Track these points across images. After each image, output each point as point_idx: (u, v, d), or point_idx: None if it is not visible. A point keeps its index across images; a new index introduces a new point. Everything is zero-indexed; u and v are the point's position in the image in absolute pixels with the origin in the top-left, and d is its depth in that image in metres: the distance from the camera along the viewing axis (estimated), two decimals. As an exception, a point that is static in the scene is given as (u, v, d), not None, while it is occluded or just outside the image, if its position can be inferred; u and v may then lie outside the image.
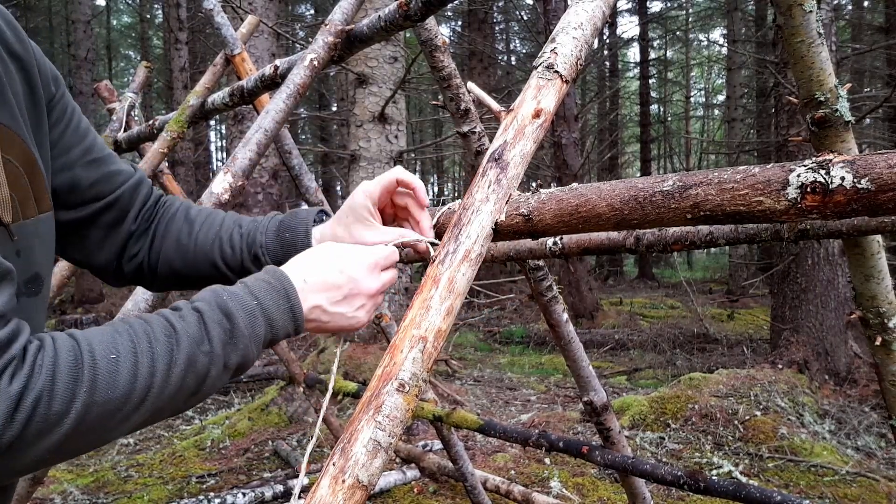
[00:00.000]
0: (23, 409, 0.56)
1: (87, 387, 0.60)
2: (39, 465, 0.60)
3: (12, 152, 0.71)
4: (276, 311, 0.75)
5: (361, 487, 0.65)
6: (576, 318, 10.18)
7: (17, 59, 0.75)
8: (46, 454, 0.59)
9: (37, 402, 0.57)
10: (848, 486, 3.69)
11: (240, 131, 6.52)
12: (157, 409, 0.66)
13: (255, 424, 5.06)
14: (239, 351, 0.71)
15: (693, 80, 24.19)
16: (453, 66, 1.68)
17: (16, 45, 0.75)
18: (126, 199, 0.94)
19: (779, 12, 1.17)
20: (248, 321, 0.72)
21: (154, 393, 0.64)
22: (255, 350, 0.74)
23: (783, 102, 6.25)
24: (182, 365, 0.66)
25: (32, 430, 0.57)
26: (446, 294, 0.77)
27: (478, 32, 13.08)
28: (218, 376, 0.70)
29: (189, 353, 0.67)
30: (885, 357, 1.30)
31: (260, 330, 0.73)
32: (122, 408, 0.62)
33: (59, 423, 0.58)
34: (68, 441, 0.60)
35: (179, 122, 2.28)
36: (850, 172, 0.60)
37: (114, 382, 0.61)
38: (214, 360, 0.69)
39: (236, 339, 0.71)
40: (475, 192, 0.84)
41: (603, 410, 2.02)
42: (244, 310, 0.72)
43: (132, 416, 0.64)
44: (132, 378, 0.63)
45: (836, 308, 5.98)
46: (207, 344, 0.69)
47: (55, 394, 0.58)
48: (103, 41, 19.87)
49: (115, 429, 0.64)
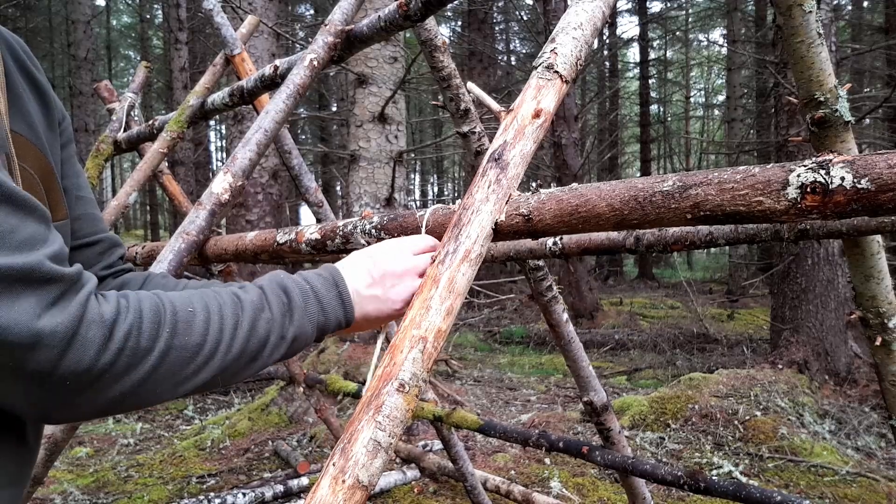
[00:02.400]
0: (116, 338, 0.61)
1: (169, 329, 0.65)
2: (115, 407, 0.63)
3: (28, 160, 0.76)
4: (327, 295, 0.82)
5: (361, 487, 0.65)
6: (576, 318, 10.18)
7: (34, 83, 0.83)
8: (127, 393, 0.62)
9: (128, 335, 0.62)
10: (848, 486, 3.69)
11: (239, 131, 6.52)
12: (223, 368, 0.69)
13: (256, 424, 5.06)
14: (295, 323, 0.77)
15: (693, 80, 24.20)
16: (453, 67, 1.68)
17: (34, 71, 0.83)
18: (104, 245, 0.97)
19: (779, 12, 1.17)
20: (302, 299, 0.79)
21: (222, 349, 0.69)
22: (310, 329, 0.79)
23: (783, 102, 6.25)
24: (246, 327, 0.72)
25: (122, 363, 0.61)
26: (446, 294, 0.78)
27: (478, 32, 13.07)
28: (276, 345, 0.75)
29: (252, 317, 0.73)
30: (885, 357, 1.30)
31: (313, 309, 0.80)
32: (195, 357, 0.67)
33: (144, 358, 0.62)
34: (147, 383, 0.63)
35: (179, 122, 2.28)
36: (850, 172, 0.60)
37: (190, 330, 0.67)
38: (274, 328, 0.75)
39: (293, 312, 0.77)
40: (475, 192, 0.84)
41: (603, 410, 2.02)
42: (299, 289, 0.80)
43: (202, 370, 0.68)
44: (205, 329, 0.68)
45: (836, 308, 5.98)
46: (268, 311, 0.75)
47: (143, 330, 0.63)
48: (103, 41, 19.86)
49: (187, 380, 0.67)
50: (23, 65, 0.82)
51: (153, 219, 19.35)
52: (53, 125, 0.85)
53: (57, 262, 0.60)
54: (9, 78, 0.77)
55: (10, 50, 0.81)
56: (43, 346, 0.56)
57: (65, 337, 0.57)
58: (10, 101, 0.75)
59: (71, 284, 0.60)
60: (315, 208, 2.45)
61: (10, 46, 0.81)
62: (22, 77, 0.80)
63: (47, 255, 0.59)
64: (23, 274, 0.57)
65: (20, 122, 0.76)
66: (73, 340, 0.58)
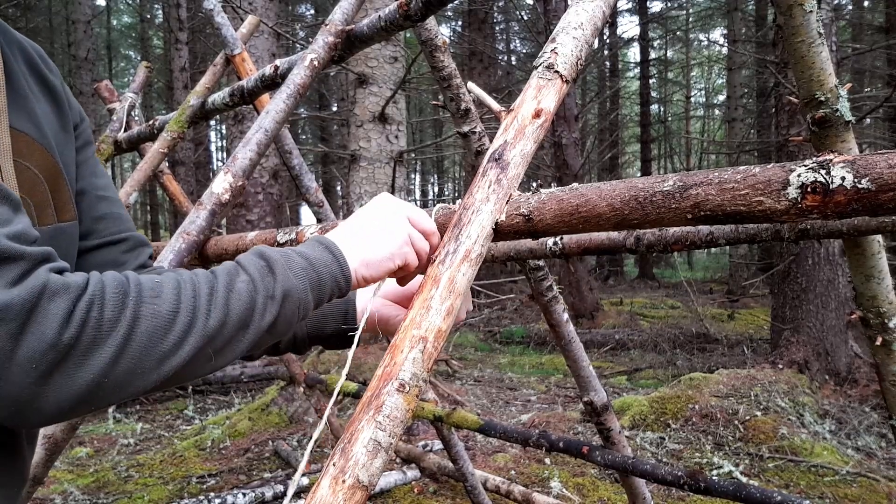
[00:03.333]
0: (78, 310, 0.57)
1: (134, 297, 0.61)
2: (93, 396, 0.59)
3: (32, 160, 0.76)
4: (312, 252, 0.77)
5: (362, 488, 0.65)
6: (576, 318, 10.18)
7: (46, 85, 0.84)
8: (101, 374, 0.58)
9: (90, 305, 0.58)
10: (848, 486, 3.69)
11: (240, 131, 6.52)
12: (208, 337, 0.65)
13: (256, 424, 5.06)
14: (279, 280, 0.71)
15: (693, 80, 24.19)
16: (453, 66, 1.68)
17: (47, 74, 0.85)
18: (130, 244, 0.95)
19: (779, 12, 1.17)
20: (283, 258, 0.74)
21: (201, 315, 0.64)
22: (301, 285, 0.73)
23: (783, 102, 6.25)
24: (222, 291, 0.67)
25: (88, 335, 0.57)
26: (447, 294, 0.77)
27: (478, 32, 13.07)
28: (264, 306, 0.69)
29: (227, 280, 0.69)
30: (885, 357, 1.30)
31: (297, 264, 0.74)
32: (171, 326, 0.62)
33: (112, 330, 0.58)
34: (121, 360, 0.59)
35: (179, 122, 2.28)
36: (850, 172, 0.60)
37: (159, 297, 0.63)
38: (257, 288, 0.69)
39: (274, 270, 0.72)
40: (475, 192, 0.84)
41: (603, 410, 2.02)
42: (278, 252, 0.75)
43: (184, 342, 0.63)
44: (176, 297, 0.64)
45: (837, 308, 5.98)
46: (244, 274, 0.70)
47: (106, 300, 0.59)
48: (103, 41, 19.86)
49: (170, 355, 0.62)
50: (35, 68, 0.83)
51: (153, 219, 19.36)
52: (67, 127, 0.85)
53: (19, 242, 0.58)
54: (12, 78, 0.78)
55: (22, 52, 0.83)
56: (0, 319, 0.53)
57: (23, 309, 0.54)
58: (13, 100, 0.76)
59: (34, 263, 0.58)
60: (315, 208, 2.45)
61: (23, 49, 0.84)
62: (33, 79, 0.82)
63: (6, 234, 0.57)
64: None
65: (25, 122, 0.77)
66: (33, 313, 0.55)
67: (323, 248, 0.78)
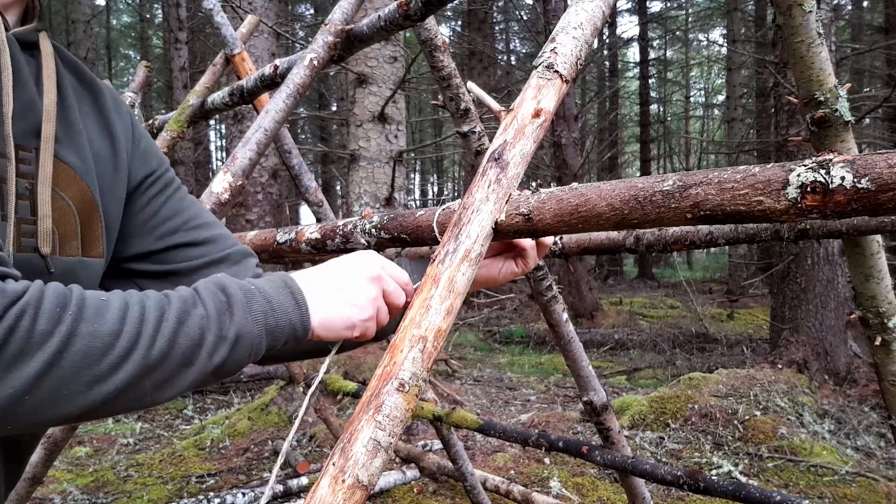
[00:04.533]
0: (8, 317, 0.54)
1: (74, 313, 0.58)
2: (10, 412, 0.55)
3: (69, 191, 0.78)
4: (275, 295, 0.73)
5: (361, 487, 0.65)
6: (576, 318, 10.18)
7: (108, 128, 0.88)
8: (24, 390, 0.54)
9: (21, 314, 0.55)
10: (847, 485, 3.69)
11: (239, 131, 6.51)
12: (147, 367, 0.60)
13: (255, 424, 5.06)
14: (236, 321, 0.68)
15: (693, 80, 24.19)
16: (453, 66, 1.68)
17: (112, 118, 0.89)
18: (235, 258, 0.96)
19: (779, 12, 1.17)
20: (244, 296, 0.70)
21: (144, 343, 0.60)
22: (257, 330, 0.70)
23: (783, 102, 6.25)
24: (173, 320, 0.63)
25: (14, 346, 0.53)
26: (446, 294, 0.77)
27: (478, 32, 13.07)
28: (214, 345, 0.66)
29: (180, 310, 0.65)
30: (884, 357, 1.30)
31: (258, 307, 0.70)
32: (109, 349, 0.58)
33: (42, 344, 0.55)
34: (49, 377, 0.55)
35: (179, 121, 2.28)
36: (850, 172, 0.60)
37: (102, 317, 0.59)
38: (209, 326, 0.66)
39: (232, 309, 0.68)
40: (475, 191, 0.84)
41: (603, 410, 2.02)
42: (241, 288, 0.71)
43: (120, 367, 0.59)
44: (120, 318, 0.60)
45: (836, 308, 5.98)
46: (201, 307, 0.66)
47: (42, 310, 0.56)
48: (103, 41, 19.85)
49: (102, 379, 0.58)
50: (101, 109, 0.88)
51: (153, 218, 19.28)
52: (120, 169, 0.88)
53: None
54: (68, 112, 0.82)
55: (91, 92, 0.88)
56: None
57: None
58: (64, 132, 0.80)
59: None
60: (315, 208, 2.45)
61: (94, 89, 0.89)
62: (93, 118, 0.86)
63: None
64: None
65: (72, 154, 0.80)
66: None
67: (288, 292, 0.74)
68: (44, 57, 0.82)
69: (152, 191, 0.92)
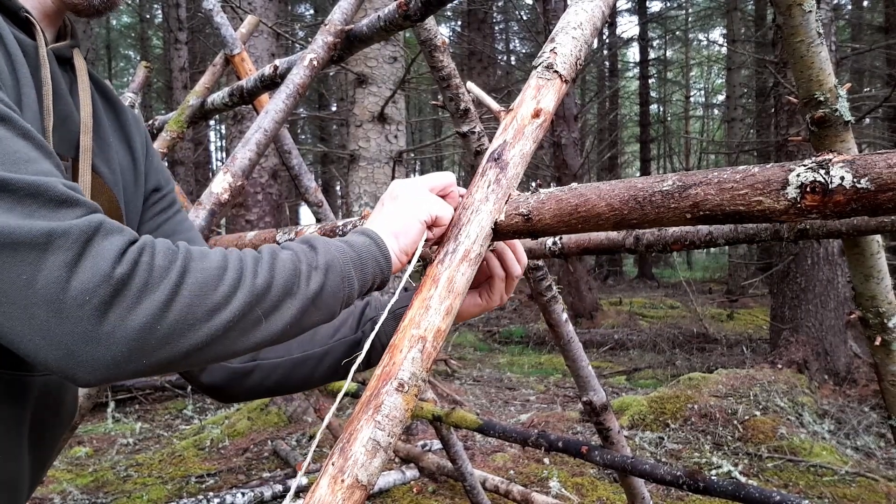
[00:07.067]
0: (131, 251, 0.58)
1: (184, 254, 0.63)
2: (148, 341, 0.58)
3: (99, 200, 0.84)
4: (345, 237, 0.79)
5: (361, 487, 0.65)
6: (575, 318, 10.18)
7: (128, 143, 0.96)
8: (154, 316, 0.58)
9: (142, 250, 0.59)
10: (847, 485, 3.69)
11: (239, 131, 6.51)
12: (255, 295, 0.65)
13: (255, 424, 5.06)
14: (320, 255, 0.73)
15: (693, 79, 24.20)
16: (453, 66, 1.68)
17: (133, 135, 0.97)
18: None
19: (778, 12, 1.17)
20: (321, 241, 0.76)
21: (248, 275, 0.65)
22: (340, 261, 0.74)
23: (783, 102, 6.26)
24: (267, 258, 0.69)
25: (140, 276, 0.58)
26: (445, 294, 0.77)
27: (477, 32, 13.07)
28: (308, 274, 0.71)
29: (270, 252, 0.70)
30: (884, 357, 1.30)
31: (335, 244, 0.76)
32: (219, 281, 0.63)
33: (163, 276, 0.59)
34: (174, 305, 0.59)
35: (179, 122, 2.28)
36: (849, 172, 0.60)
37: (206, 257, 0.64)
38: (300, 258, 0.71)
39: (315, 247, 0.74)
40: (474, 191, 0.84)
41: (602, 410, 2.02)
42: (317, 238, 0.78)
43: (233, 295, 0.63)
44: (223, 258, 0.65)
45: (836, 308, 5.98)
46: (286, 250, 0.72)
47: (157, 250, 0.61)
48: (103, 41, 19.85)
49: (221, 307, 0.62)
50: (123, 125, 0.96)
51: (153, 218, 19.28)
52: (139, 182, 0.96)
53: (76, 192, 0.60)
54: (100, 126, 0.90)
55: (114, 110, 0.96)
56: (55, 247, 0.55)
57: (79, 239, 0.56)
58: (97, 143, 0.88)
59: (92, 209, 0.59)
60: (315, 208, 2.45)
61: (118, 109, 0.97)
62: (117, 134, 0.95)
63: (65, 184, 0.59)
64: (34, 189, 0.57)
65: (102, 165, 0.88)
66: (89, 245, 0.56)
67: (358, 233, 0.80)
68: (78, 72, 0.88)
69: (157, 207, 0.99)
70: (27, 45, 0.78)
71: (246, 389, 1.01)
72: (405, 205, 0.84)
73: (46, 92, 0.77)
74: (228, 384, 1.00)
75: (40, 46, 0.79)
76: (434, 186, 0.88)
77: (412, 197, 0.85)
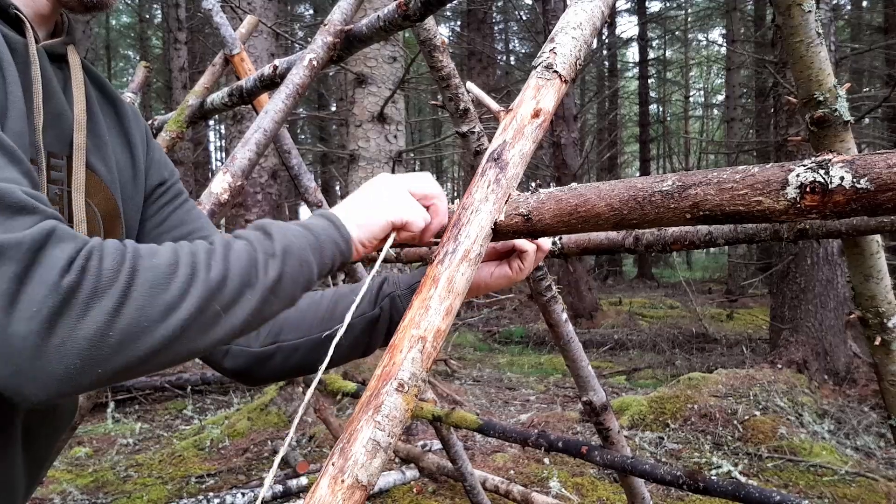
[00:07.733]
0: (79, 258, 0.56)
1: (132, 252, 0.60)
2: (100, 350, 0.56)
3: (95, 198, 0.84)
4: (307, 220, 0.78)
5: (361, 487, 0.65)
6: (575, 318, 10.18)
7: (126, 138, 0.95)
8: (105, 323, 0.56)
9: (89, 255, 0.57)
10: (847, 485, 3.69)
11: (239, 131, 6.51)
12: (210, 291, 0.63)
13: (255, 424, 5.06)
14: (277, 240, 0.71)
15: (692, 79, 24.21)
16: (452, 66, 1.68)
17: (132, 130, 0.96)
18: None
19: (778, 12, 1.17)
20: (278, 226, 0.75)
21: (201, 269, 0.63)
22: (299, 244, 0.73)
23: (782, 102, 6.25)
24: (221, 250, 0.67)
25: (88, 283, 0.55)
26: (445, 294, 0.77)
27: (477, 32, 13.07)
28: (265, 262, 0.69)
29: (224, 243, 0.68)
30: (884, 357, 1.30)
31: (292, 230, 0.74)
32: (171, 278, 0.60)
33: (112, 280, 0.57)
34: (124, 309, 0.57)
35: (178, 122, 2.28)
36: (849, 172, 0.60)
37: (155, 254, 0.62)
38: (255, 247, 0.69)
39: (271, 233, 0.72)
40: (474, 191, 0.84)
41: (602, 410, 2.02)
42: (271, 222, 0.76)
43: (187, 291, 0.61)
44: (173, 252, 0.63)
45: (836, 308, 5.98)
46: (240, 240, 0.70)
47: (105, 253, 0.58)
48: (102, 41, 19.83)
49: (174, 307, 0.60)
50: (122, 121, 0.95)
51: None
52: (138, 178, 0.95)
53: (36, 200, 0.58)
54: (95, 122, 0.88)
55: (112, 105, 0.95)
56: (7, 258, 0.53)
57: (30, 249, 0.54)
58: (92, 141, 0.86)
59: (46, 216, 0.57)
60: (314, 208, 2.44)
61: (115, 103, 0.96)
62: (115, 130, 0.93)
63: (25, 191, 0.57)
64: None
65: (98, 162, 0.86)
66: (38, 255, 0.54)
67: (318, 216, 0.80)
68: (72, 69, 0.87)
69: (162, 200, 0.98)
70: (17, 42, 0.76)
71: (270, 371, 1.02)
72: (378, 200, 0.84)
73: (36, 90, 0.76)
74: (252, 368, 1.00)
75: (30, 44, 0.77)
76: (415, 190, 0.87)
77: (389, 195, 0.85)
